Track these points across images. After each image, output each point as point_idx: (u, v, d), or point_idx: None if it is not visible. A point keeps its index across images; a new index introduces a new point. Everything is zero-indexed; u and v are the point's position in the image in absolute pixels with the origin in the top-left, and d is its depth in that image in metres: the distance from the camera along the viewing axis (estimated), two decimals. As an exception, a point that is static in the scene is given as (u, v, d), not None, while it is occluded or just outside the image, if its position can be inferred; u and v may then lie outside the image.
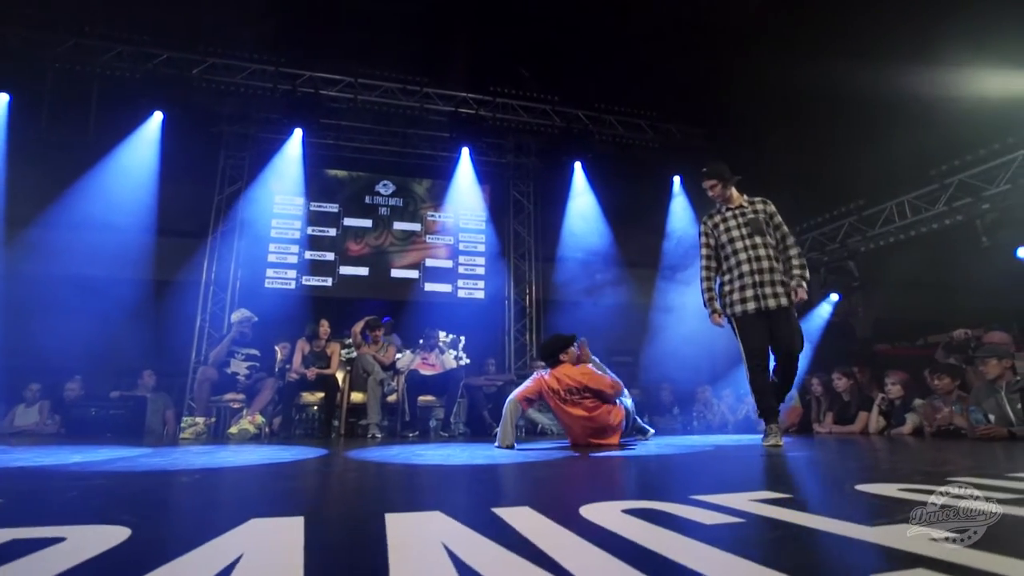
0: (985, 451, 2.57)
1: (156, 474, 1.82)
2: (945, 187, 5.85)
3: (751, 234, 3.22)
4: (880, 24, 5.34)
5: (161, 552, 0.78)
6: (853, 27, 5.69)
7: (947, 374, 4.07)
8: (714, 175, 3.33)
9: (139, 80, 6.73)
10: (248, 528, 0.94)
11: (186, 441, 4.10)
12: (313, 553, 0.77)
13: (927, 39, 5.10)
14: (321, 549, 0.81)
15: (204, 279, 7.07)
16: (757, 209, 3.29)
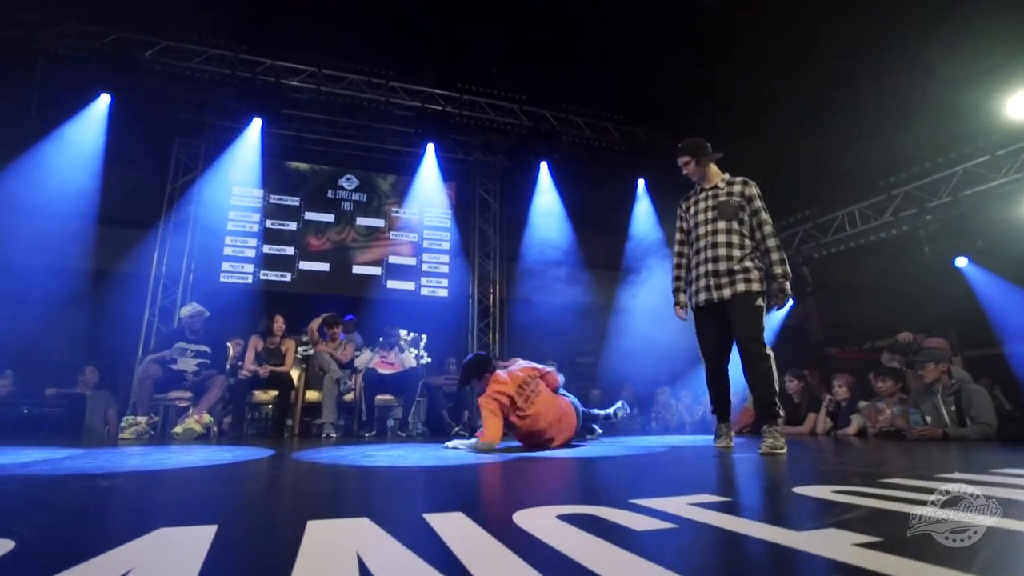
0: (921, 452, 2.67)
1: (74, 478, 1.69)
2: (892, 198, 6.10)
3: (715, 218, 2.93)
4: (837, 38, 5.52)
5: (39, 568, 0.71)
6: (812, 39, 5.87)
7: (890, 377, 4.24)
8: (687, 151, 3.07)
9: (86, 59, 6.38)
10: (151, 539, 0.87)
11: (126, 441, 3.89)
12: (211, 566, 0.71)
13: (880, 55, 5.31)
14: (223, 562, 0.75)
15: (153, 272, 6.75)
16: (732, 191, 2.97)
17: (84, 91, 6.44)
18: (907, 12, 5.10)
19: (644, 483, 1.63)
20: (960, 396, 3.57)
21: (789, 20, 5.92)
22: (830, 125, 5.82)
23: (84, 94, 6.44)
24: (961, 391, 3.58)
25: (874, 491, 1.28)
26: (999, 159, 5.25)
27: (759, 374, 2.82)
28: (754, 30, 6.14)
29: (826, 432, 4.72)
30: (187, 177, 7.15)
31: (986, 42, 4.75)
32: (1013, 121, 5.04)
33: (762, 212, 2.96)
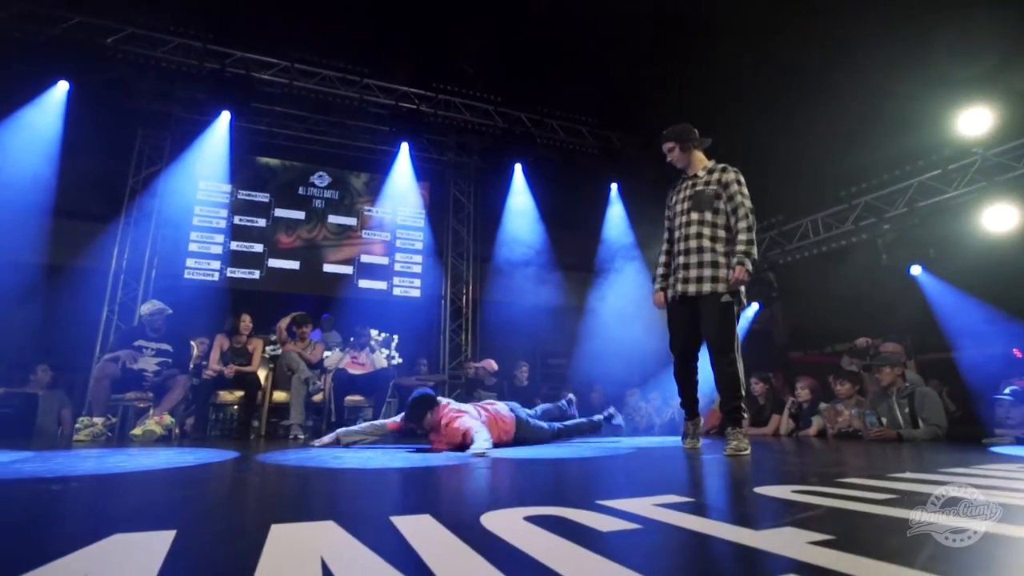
0: (876, 452, 2.78)
1: (24, 482, 1.62)
2: (853, 207, 6.34)
3: (690, 209, 2.86)
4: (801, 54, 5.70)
5: None
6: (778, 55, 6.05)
7: (848, 380, 4.40)
8: (671, 136, 2.99)
9: (43, 44, 6.10)
10: (105, 545, 0.84)
11: (81, 444, 3.73)
12: (168, 573, 0.70)
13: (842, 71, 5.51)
14: (180, 568, 0.73)
15: (113, 267, 6.50)
16: (710, 180, 2.89)
17: (40, 77, 6.16)
18: (867, 30, 5.32)
19: (611, 484, 1.65)
20: (913, 399, 3.73)
21: (757, 35, 6.10)
22: (797, 136, 6.01)
23: (40, 80, 6.15)
24: (914, 394, 3.74)
25: (831, 491, 1.33)
26: (951, 173, 5.51)
27: (725, 378, 2.80)
28: (724, 42, 6.30)
29: (788, 433, 4.86)
30: (151, 170, 6.91)
31: (939, 60, 4.98)
32: (964, 137, 5.30)
33: (738, 196, 2.82)
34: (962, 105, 5.20)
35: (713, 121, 6.90)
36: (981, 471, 1.81)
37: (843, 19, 5.41)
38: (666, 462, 2.33)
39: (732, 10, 6.09)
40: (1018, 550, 0.82)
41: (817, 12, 5.48)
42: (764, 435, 4.95)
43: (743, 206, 2.81)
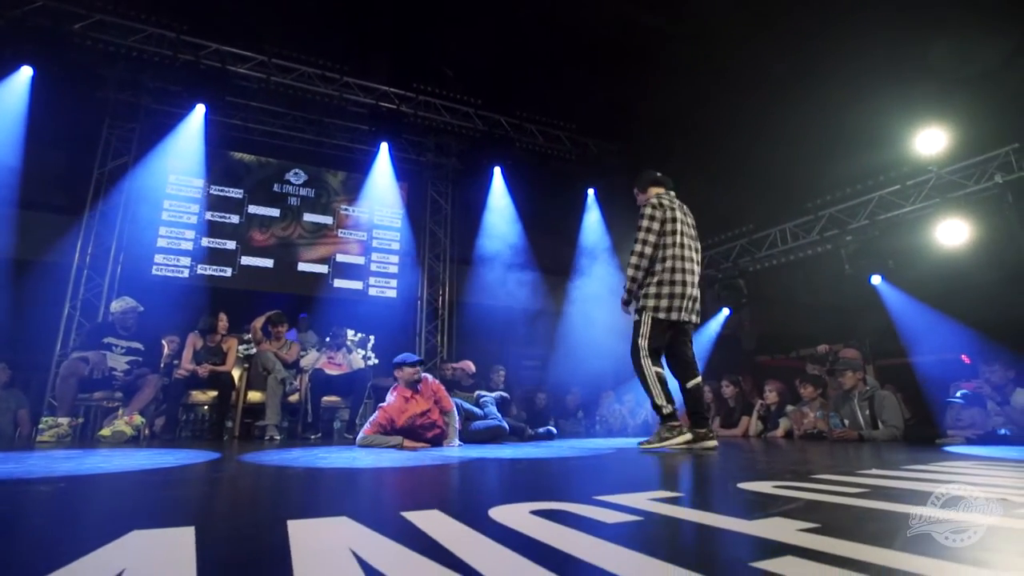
0: (840, 452, 2.94)
1: (7, 483, 1.59)
2: (819, 218, 6.63)
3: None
4: (773, 67, 5.95)
5: (25, 572, 0.69)
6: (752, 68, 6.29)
7: (811, 383, 4.61)
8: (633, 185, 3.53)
9: (4, 28, 5.85)
10: (129, 541, 0.85)
11: (45, 444, 3.60)
12: (208, 565, 0.72)
13: (812, 88, 5.77)
14: (216, 561, 0.76)
15: (76, 261, 6.27)
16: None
17: (1, 62, 5.90)
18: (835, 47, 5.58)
19: (602, 481, 1.72)
20: (873, 401, 3.94)
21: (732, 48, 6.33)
22: (768, 147, 6.26)
23: (1, 64, 5.90)
24: (874, 397, 3.95)
25: (807, 485, 1.43)
26: (908, 188, 5.84)
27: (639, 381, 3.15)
28: (699, 57, 6.51)
29: (757, 435, 5.05)
30: (118, 162, 6.69)
31: (898, 81, 5.28)
32: (921, 155, 5.62)
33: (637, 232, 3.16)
34: (919, 124, 5.52)
35: (687, 130, 7.15)
36: (936, 468, 1.95)
37: (811, 39, 5.67)
38: (647, 461, 2.42)
39: (707, 24, 6.31)
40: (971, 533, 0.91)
41: (787, 31, 5.73)
42: (735, 436, 5.12)
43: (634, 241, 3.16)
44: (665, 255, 3.08)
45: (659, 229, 3.11)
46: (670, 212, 3.15)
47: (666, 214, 3.14)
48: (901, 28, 5.16)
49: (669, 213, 3.14)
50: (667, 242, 3.10)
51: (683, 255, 3.09)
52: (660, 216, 3.13)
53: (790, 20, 5.80)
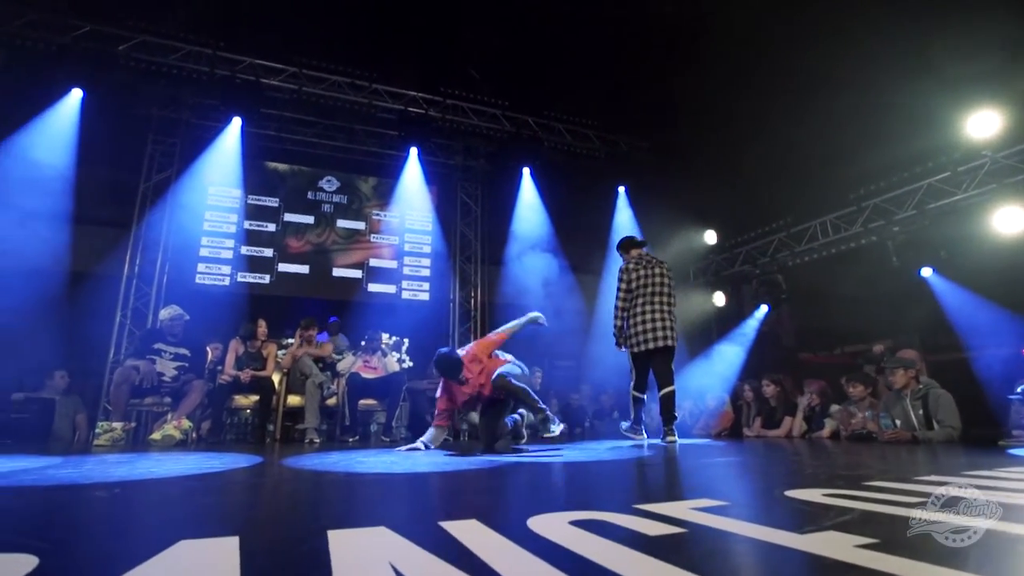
0: (893, 454, 2.80)
1: (67, 488, 1.66)
2: (862, 210, 6.35)
3: None
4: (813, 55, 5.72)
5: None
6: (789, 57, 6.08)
7: (860, 382, 4.41)
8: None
9: (56, 52, 6.17)
10: (177, 552, 0.87)
11: (101, 448, 3.78)
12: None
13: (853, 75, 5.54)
14: (260, 573, 0.76)
15: (126, 272, 6.56)
16: None
17: (54, 85, 6.23)
18: (876, 31, 5.34)
19: (643, 488, 1.68)
20: (927, 400, 3.75)
21: (761, 40, 6.13)
22: (805, 138, 6.03)
23: (54, 88, 6.22)
24: (928, 396, 3.75)
25: (860, 494, 1.35)
26: (960, 175, 5.52)
27: None
28: (731, 46, 6.33)
29: (801, 435, 4.88)
30: (162, 175, 6.98)
31: (948, 61, 5.00)
32: (973, 139, 5.31)
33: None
34: (971, 107, 5.21)
35: (720, 123, 6.96)
36: (1003, 474, 1.83)
37: (851, 20, 5.43)
38: (688, 466, 2.36)
39: (739, 13, 6.13)
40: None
41: (825, 13, 5.50)
42: (777, 437, 4.96)
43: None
44: (635, 308, 4.10)
45: (627, 288, 4.16)
46: (635, 273, 4.15)
47: (631, 276, 4.16)
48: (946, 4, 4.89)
49: (635, 274, 4.15)
50: (636, 297, 4.12)
51: (649, 302, 4.07)
52: (627, 278, 4.17)
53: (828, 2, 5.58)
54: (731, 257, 8.21)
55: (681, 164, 8.03)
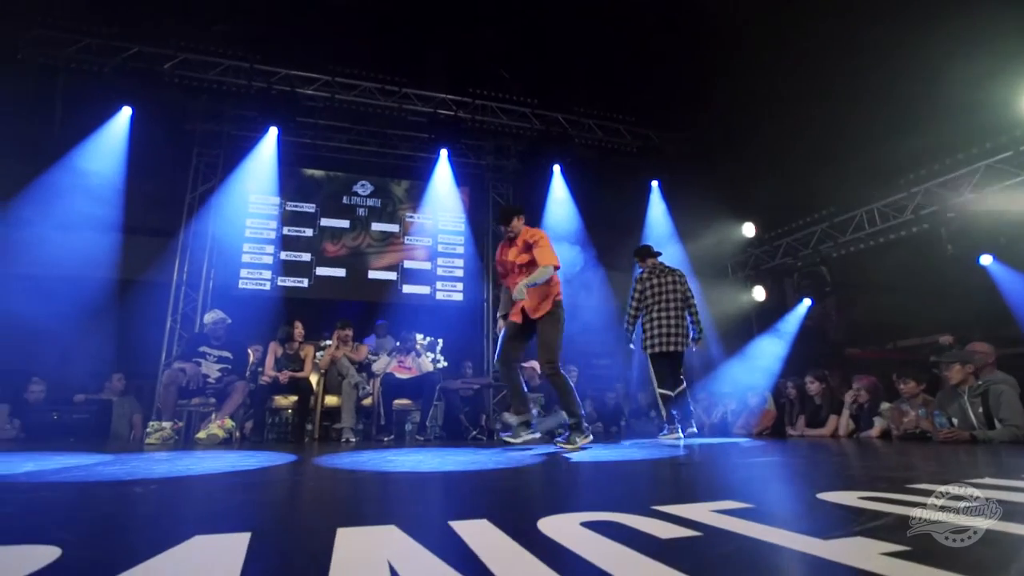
0: (948, 455, 2.62)
1: (108, 484, 1.74)
2: (912, 195, 6.00)
3: None
4: (850, 36, 5.45)
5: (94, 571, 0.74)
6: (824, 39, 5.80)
7: (912, 378, 4.16)
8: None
9: (107, 74, 6.54)
10: (189, 547, 0.89)
11: (152, 447, 3.98)
12: (250, 575, 0.74)
13: (899, 52, 5.23)
14: (259, 570, 0.77)
15: (175, 279, 6.90)
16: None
17: (106, 104, 6.60)
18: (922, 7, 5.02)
19: (665, 488, 1.63)
20: (987, 397, 3.50)
21: (800, 20, 5.87)
22: (848, 123, 5.74)
23: (106, 107, 6.60)
24: (988, 392, 3.50)
25: (902, 497, 1.27)
26: (1023, 155, 5.14)
27: None
28: (764, 31, 6.09)
29: (848, 434, 4.65)
30: (206, 186, 7.29)
31: (1004, 34, 4.65)
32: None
33: None
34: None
35: (757, 111, 6.71)
36: (1069, 476, 1.68)
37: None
38: (720, 465, 2.28)
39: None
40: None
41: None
42: (822, 436, 4.75)
43: None
44: (651, 313, 4.45)
45: (639, 297, 4.56)
46: (648, 283, 4.52)
47: (645, 284, 4.54)
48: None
49: (648, 283, 4.53)
50: (648, 304, 4.49)
51: (664, 308, 4.41)
52: (640, 288, 4.57)
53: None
54: (771, 250, 7.91)
55: (717, 155, 7.79)
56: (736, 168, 7.36)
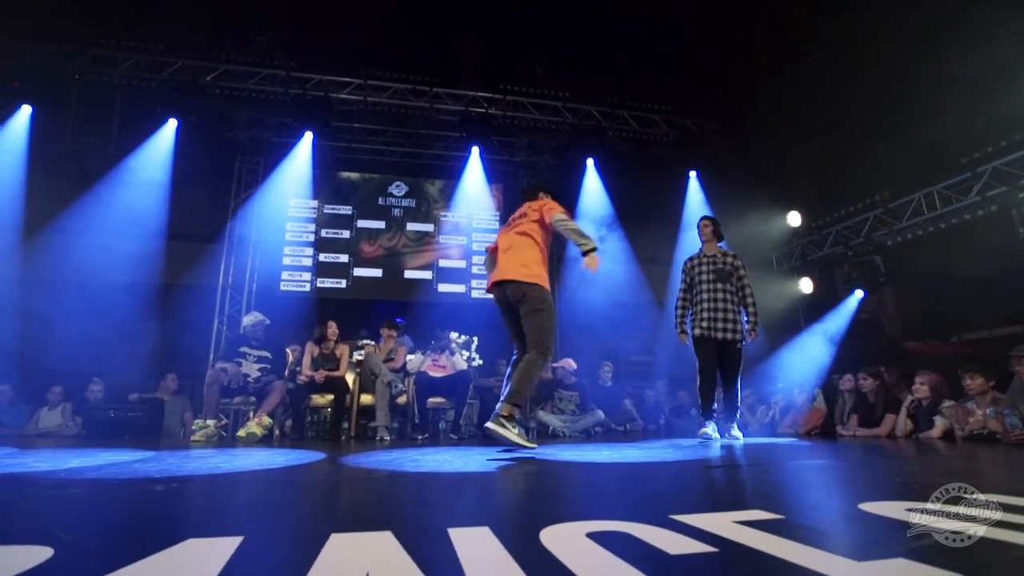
0: (1018, 460, 2.37)
1: (135, 482, 1.78)
2: (978, 176, 5.53)
3: (715, 280, 4.12)
4: (904, 8, 5.07)
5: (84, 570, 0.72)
6: (878, 11, 5.43)
7: (980, 374, 3.83)
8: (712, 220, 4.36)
9: (155, 88, 6.87)
10: (180, 549, 0.87)
11: (197, 444, 4.13)
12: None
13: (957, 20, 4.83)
14: None
15: (220, 282, 7.17)
16: (727, 261, 4.18)
17: (154, 118, 6.94)
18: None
19: (688, 494, 1.53)
20: (1066, 395, 3.17)
21: None
22: (902, 100, 5.35)
23: (154, 121, 6.93)
24: (1068, 389, 3.17)
25: (958, 510, 1.12)
26: (1106, 126, 4.65)
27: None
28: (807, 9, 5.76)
29: (907, 435, 4.33)
30: (248, 192, 7.54)
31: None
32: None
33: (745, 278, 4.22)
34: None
35: (800, 93, 6.36)
36: None
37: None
38: (756, 468, 2.13)
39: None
40: None
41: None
42: (877, 436, 4.44)
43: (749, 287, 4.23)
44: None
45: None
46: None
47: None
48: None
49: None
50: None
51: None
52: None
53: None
54: (819, 239, 7.50)
55: (758, 142, 7.46)
56: (779, 155, 7.02)
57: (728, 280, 4.12)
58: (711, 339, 4.03)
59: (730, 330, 4.02)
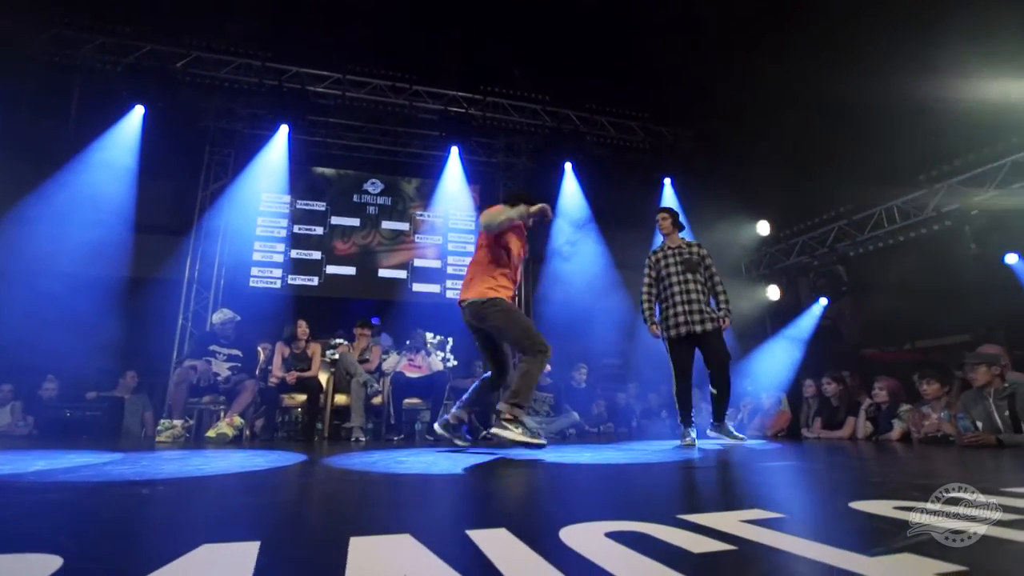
0: (973, 460, 2.53)
1: (116, 485, 1.72)
2: (934, 192, 5.86)
3: (684, 271, 3.98)
4: (872, 30, 5.33)
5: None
6: (845, 33, 5.68)
7: (936, 379, 4.05)
8: (669, 212, 4.24)
9: (121, 73, 6.58)
10: (196, 556, 0.85)
11: (163, 445, 3.97)
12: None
13: (919, 46, 5.10)
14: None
15: (187, 277, 6.92)
16: (692, 251, 4.06)
17: (119, 103, 6.64)
18: None
19: (687, 495, 1.57)
20: (1015, 400, 3.39)
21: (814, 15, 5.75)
22: (864, 118, 5.62)
23: (119, 106, 6.63)
24: (1016, 395, 3.40)
25: (941, 508, 1.20)
26: (1051, 150, 5.00)
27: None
28: (779, 26, 5.98)
29: (867, 437, 4.54)
30: (217, 184, 7.31)
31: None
32: (1065, 109, 4.78)
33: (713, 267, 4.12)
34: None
35: (772, 106, 6.60)
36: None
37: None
38: (739, 469, 2.21)
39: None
40: None
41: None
42: (839, 438, 4.65)
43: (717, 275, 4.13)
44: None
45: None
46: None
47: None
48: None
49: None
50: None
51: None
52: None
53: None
54: (786, 248, 7.79)
55: (731, 153, 7.69)
56: (750, 166, 7.26)
57: (696, 270, 3.99)
58: (689, 336, 3.87)
59: (708, 320, 3.87)
